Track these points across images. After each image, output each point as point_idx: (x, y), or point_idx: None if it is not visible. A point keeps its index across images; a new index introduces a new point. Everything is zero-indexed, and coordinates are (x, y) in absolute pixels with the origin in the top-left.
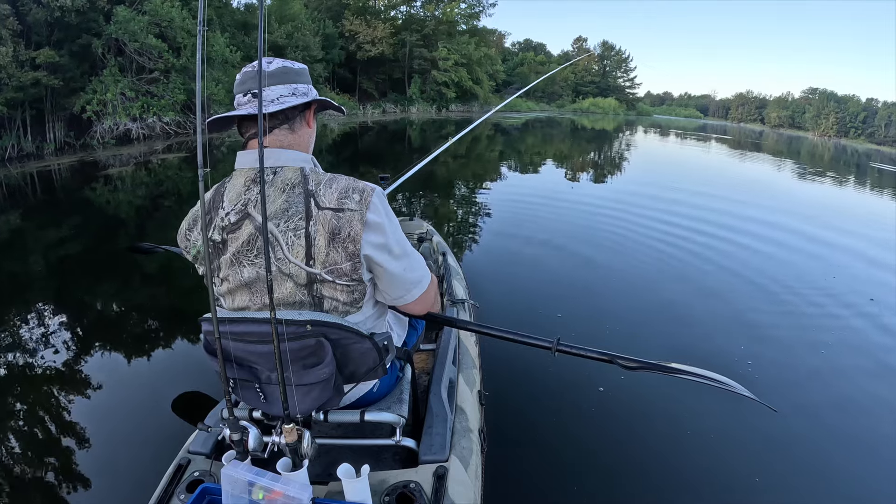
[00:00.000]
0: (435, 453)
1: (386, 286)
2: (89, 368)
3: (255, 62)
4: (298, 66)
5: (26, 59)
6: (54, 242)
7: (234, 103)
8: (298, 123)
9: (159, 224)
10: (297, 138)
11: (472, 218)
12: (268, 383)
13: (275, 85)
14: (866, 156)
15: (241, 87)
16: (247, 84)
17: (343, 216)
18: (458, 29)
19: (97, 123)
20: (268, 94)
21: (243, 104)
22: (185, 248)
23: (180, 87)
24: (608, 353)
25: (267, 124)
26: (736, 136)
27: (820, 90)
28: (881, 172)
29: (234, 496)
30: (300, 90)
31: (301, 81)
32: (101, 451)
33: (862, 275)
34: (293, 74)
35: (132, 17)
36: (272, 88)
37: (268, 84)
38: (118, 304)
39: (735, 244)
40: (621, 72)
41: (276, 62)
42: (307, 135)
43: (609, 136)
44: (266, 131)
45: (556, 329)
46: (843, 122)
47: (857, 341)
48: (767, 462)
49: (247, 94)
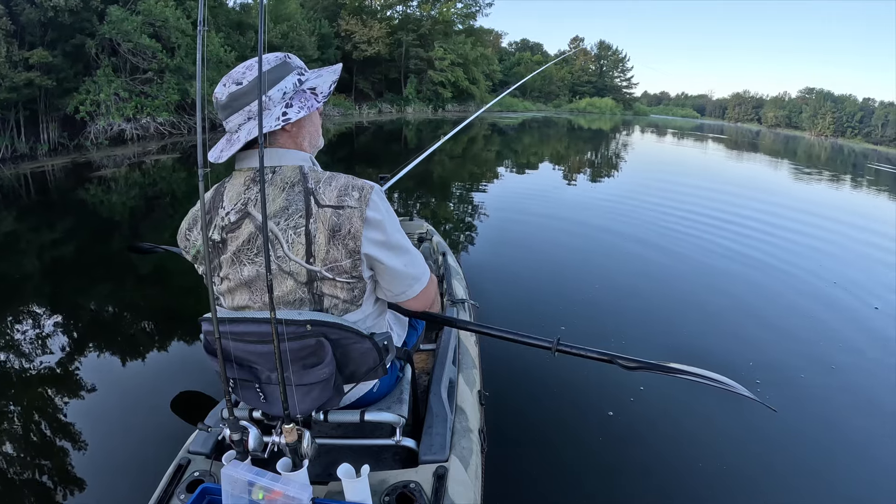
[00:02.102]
0: (435, 453)
1: (387, 283)
2: (87, 370)
3: (231, 73)
4: (275, 59)
5: (19, 60)
6: (49, 244)
7: (224, 125)
8: (290, 125)
9: (153, 225)
10: (296, 138)
11: (471, 218)
12: (268, 383)
13: (233, 114)
14: (863, 155)
15: (236, 103)
16: (241, 101)
17: (343, 213)
18: (455, 29)
19: (91, 124)
20: (269, 113)
21: (241, 125)
22: (184, 248)
23: (174, 88)
24: (608, 353)
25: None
26: (733, 135)
27: (817, 90)
28: (878, 172)
29: (234, 496)
30: (265, 104)
31: (286, 75)
32: (100, 452)
33: (862, 273)
34: (246, 95)
35: (126, 16)
36: (232, 119)
37: (231, 112)
38: (115, 305)
39: (735, 244)
40: (618, 72)
41: (230, 84)
42: (302, 133)
43: (606, 135)
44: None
45: (555, 329)
46: (840, 121)
47: (858, 341)
48: (767, 462)
49: (237, 113)
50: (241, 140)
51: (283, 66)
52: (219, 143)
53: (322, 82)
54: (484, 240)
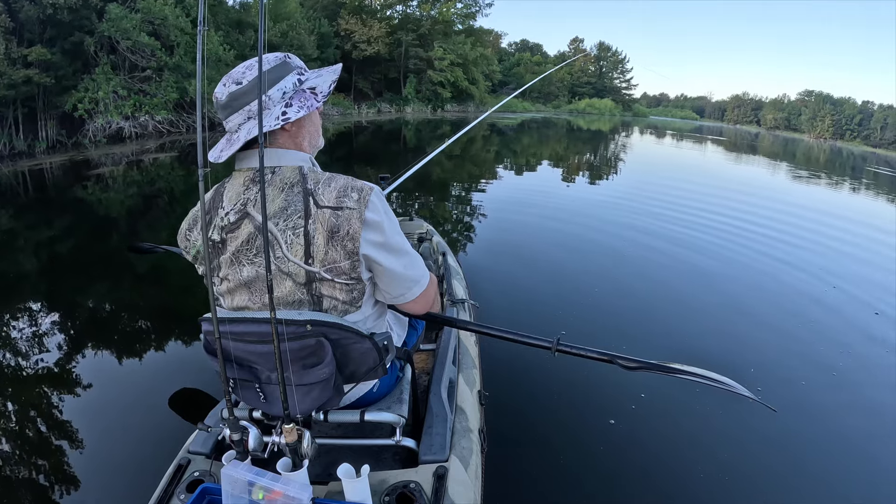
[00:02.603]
0: (435, 453)
1: (386, 285)
2: (86, 369)
3: (231, 73)
4: (274, 59)
5: (18, 57)
6: (46, 241)
7: (224, 125)
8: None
9: (151, 224)
10: (296, 139)
11: (471, 218)
12: (268, 383)
13: (233, 114)
14: (862, 158)
15: (236, 102)
16: (241, 100)
17: (342, 214)
18: (454, 29)
19: (89, 122)
20: (269, 113)
21: (241, 125)
22: (184, 248)
23: (173, 86)
24: (608, 353)
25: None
26: (732, 137)
27: (816, 92)
28: (877, 175)
29: (234, 496)
30: (260, 107)
31: (286, 75)
32: (100, 452)
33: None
34: (246, 94)
35: (125, 14)
36: (232, 119)
37: (231, 112)
38: (113, 304)
39: (735, 245)
40: (617, 73)
41: (230, 83)
42: (301, 134)
43: (605, 137)
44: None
45: (556, 329)
46: (839, 124)
47: (858, 341)
48: (767, 462)
49: (237, 112)
50: (241, 139)
51: (282, 66)
52: (219, 144)
53: (322, 82)
54: (484, 240)
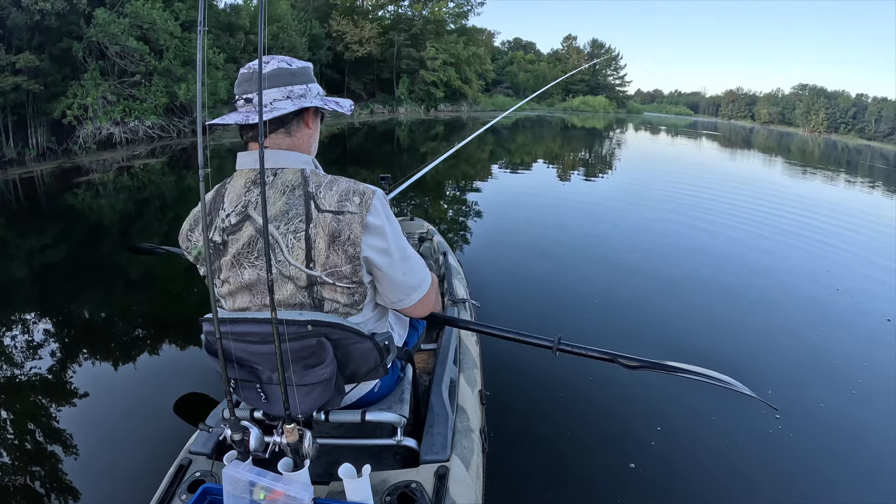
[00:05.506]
0: (436, 453)
1: (385, 290)
2: (87, 372)
3: (253, 62)
4: (298, 65)
5: (6, 64)
6: (38, 249)
7: (242, 98)
8: (295, 126)
9: (142, 229)
10: (296, 140)
11: (471, 218)
12: (269, 383)
13: (269, 88)
14: (857, 151)
15: (238, 88)
16: (243, 87)
17: (343, 219)
18: (447, 28)
19: (79, 128)
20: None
21: (240, 108)
22: (186, 249)
23: (162, 90)
24: (609, 353)
25: (264, 129)
26: (726, 132)
27: (810, 86)
28: (872, 168)
29: (235, 496)
30: (296, 92)
31: (298, 82)
32: (101, 453)
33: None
34: (289, 76)
35: (112, 19)
36: (266, 92)
37: (265, 87)
38: (108, 309)
39: (737, 244)
40: (611, 70)
41: (274, 62)
42: (307, 136)
43: (600, 134)
44: (265, 134)
45: (557, 328)
46: (834, 117)
47: (860, 340)
48: (768, 460)
49: (239, 99)
50: (279, 110)
51: (308, 71)
52: (233, 114)
53: (330, 100)
54: (484, 239)
